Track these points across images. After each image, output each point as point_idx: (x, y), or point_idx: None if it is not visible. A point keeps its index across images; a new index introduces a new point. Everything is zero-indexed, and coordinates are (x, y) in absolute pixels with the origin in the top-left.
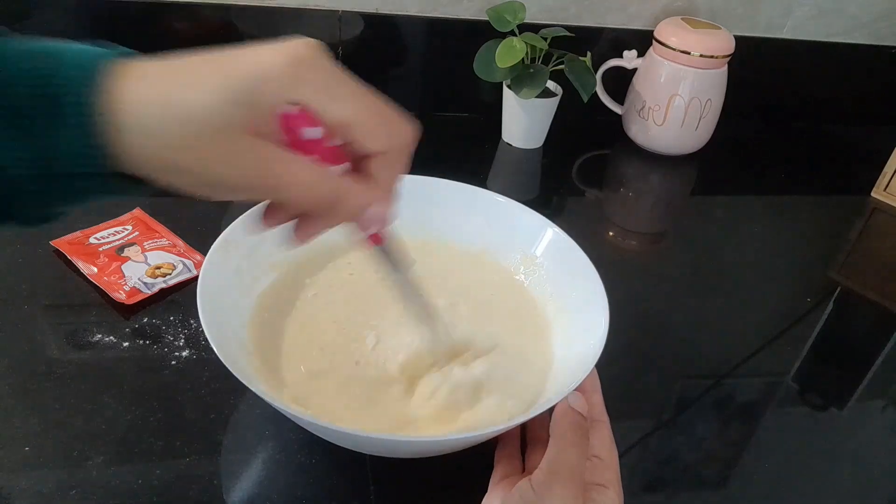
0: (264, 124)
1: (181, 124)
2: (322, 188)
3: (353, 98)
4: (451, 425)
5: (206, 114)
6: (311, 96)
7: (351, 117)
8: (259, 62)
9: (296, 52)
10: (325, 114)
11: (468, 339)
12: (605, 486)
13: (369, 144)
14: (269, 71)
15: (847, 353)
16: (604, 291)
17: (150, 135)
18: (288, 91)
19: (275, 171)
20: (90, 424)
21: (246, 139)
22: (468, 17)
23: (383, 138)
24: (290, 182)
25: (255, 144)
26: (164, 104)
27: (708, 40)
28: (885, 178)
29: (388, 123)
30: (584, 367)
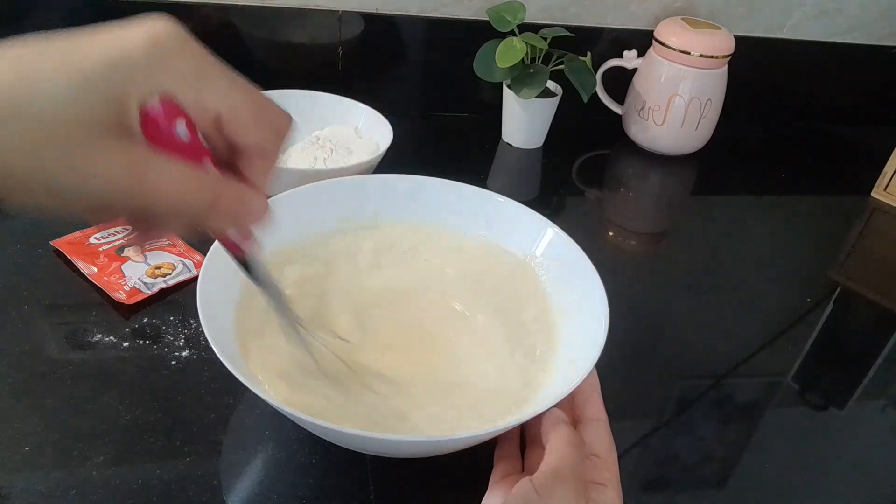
0: (124, 120)
1: (26, 122)
2: (195, 193)
3: (224, 87)
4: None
5: (55, 110)
6: (177, 86)
7: (223, 108)
8: (115, 46)
9: (157, 34)
10: (193, 103)
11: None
12: (604, 486)
13: (243, 138)
14: (128, 56)
15: (847, 353)
16: (604, 291)
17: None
18: (150, 80)
19: (141, 177)
20: (90, 424)
21: (101, 140)
22: (468, 17)
23: (258, 131)
24: (156, 190)
25: (111, 145)
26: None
27: (708, 40)
28: (885, 178)
29: (263, 114)
30: (583, 367)
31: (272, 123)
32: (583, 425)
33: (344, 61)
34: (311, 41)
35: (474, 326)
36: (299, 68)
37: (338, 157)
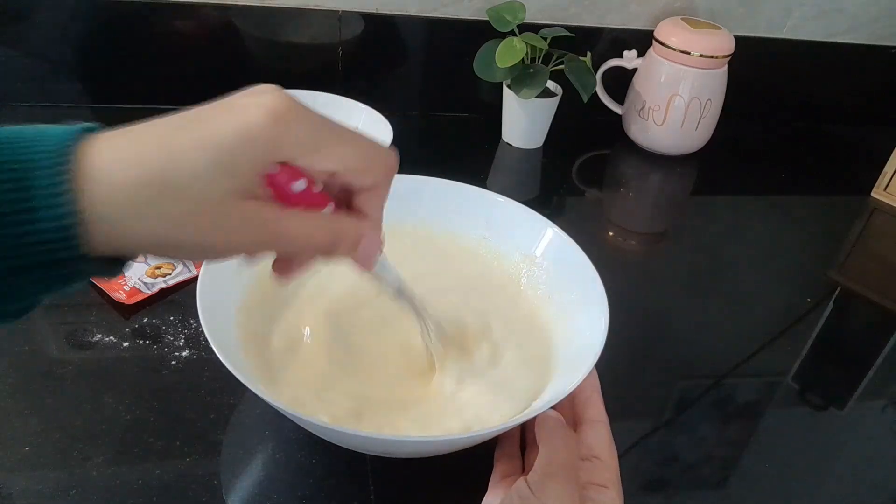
0: (253, 185)
1: (174, 201)
2: (320, 235)
3: (337, 146)
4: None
5: (198, 187)
6: (296, 154)
7: (338, 165)
8: (239, 125)
9: (275, 108)
10: (311, 167)
11: (462, 326)
12: (604, 487)
13: (358, 184)
14: (252, 133)
15: (847, 353)
16: (604, 291)
17: (138, 216)
18: (273, 152)
19: (272, 231)
20: (90, 424)
21: (238, 205)
22: (468, 17)
23: (371, 176)
24: (288, 238)
25: (247, 209)
26: (149, 182)
27: (708, 40)
28: (885, 178)
29: (374, 160)
30: (583, 367)
31: (380, 166)
32: (583, 427)
33: (344, 61)
34: (311, 41)
35: (472, 328)
36: (299, 68)
37: None
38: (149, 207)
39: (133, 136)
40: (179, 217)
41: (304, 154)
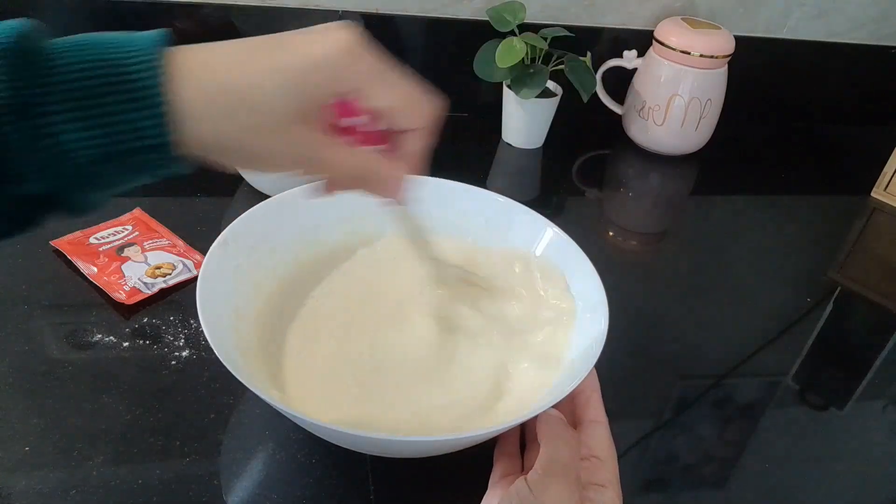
0: (314, 111)
1: (246, 113)
2: (360, 169)
3: (393, 86)
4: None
5: (270, 102)
6: (357, 87)
7: (391, 104)
8: (311, 53)
9: (345, 43)
10: (368, 101)
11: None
12: (603, 486)
13: (405, 125)
14: (321, 62)
15: (847, 353)
16: (603, 291)
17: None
18: (337, 82)
19: (321, 156)
20: (90, 424)
21: (298, 126)
22: (468, 17)
23: (417, 119)
24: (333, 165)
25: (305, 131)
26: (227, 92)
27: (708, 40)
28: (885, 178)
29: (422, 105)
30: (583, 367)
31: (424, 111)
32: (583, 427)
33: None
34: None
35: (473, 327)
36: None
37: None
38: (226, 113)
39: (218, 51)
40: (249, 126)
41: (363, 87)
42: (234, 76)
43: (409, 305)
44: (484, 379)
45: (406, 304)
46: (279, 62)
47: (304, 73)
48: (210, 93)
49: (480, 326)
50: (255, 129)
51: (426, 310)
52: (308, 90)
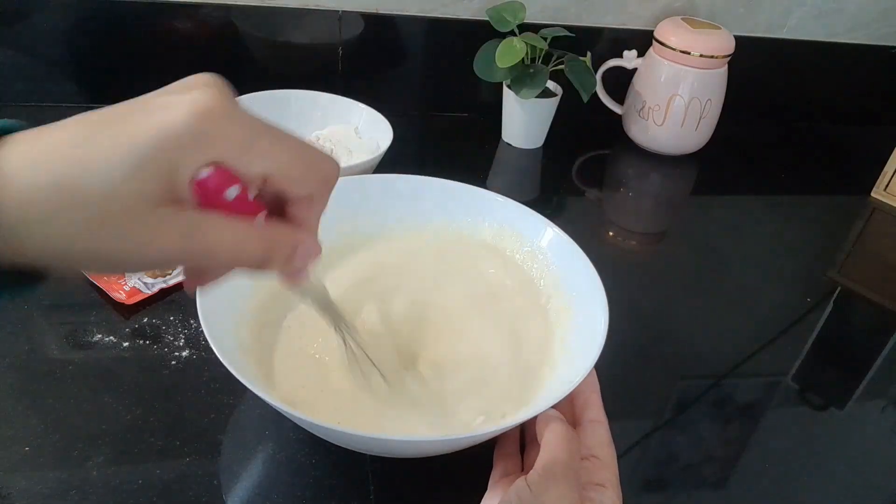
0: (175, 190)
1: (83, 207)
2: (252, 245)
3: (272, 148)
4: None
5: (110, 192)
6: (226, 154)
7: (273, 169)
8: (163, 122)
9: (203, 105)
10: (243, 170)
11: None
12: (603, 486)
13: (294, 191)
14: (176, 132)
15: (847, 353)
16: (603, 291)
17: (46, 223)
18: (200, 153)
19: (198, 240)
20: (90, 424)
21: (159, 212)
22: (468, 17)
23: (309, 183)
24: (216, 247)
25: (167, 216)
26: (58, 186)
27: (708, 40)
28: (885, 178)
29: (312, 167)
30: (582, 367)
31: (320, 174)
32: (582, 427)
33: (344, 61)
34: (311, 41)
35: (472, 327)
36: (299, 68)
37: (338, 158)
38: (55, 214)
39: (47, 137)
40: (88, 224)
41: (237, 154)
42: (63, 166)
43: (408, 304)
44: (482, 378)
45: (404, 302)
46: (122, 139)
47: (151, 148)
48: (33, 192)
49: (479, 327)
50: (98, 224)
51: (426, 310)
52: (160, 167)
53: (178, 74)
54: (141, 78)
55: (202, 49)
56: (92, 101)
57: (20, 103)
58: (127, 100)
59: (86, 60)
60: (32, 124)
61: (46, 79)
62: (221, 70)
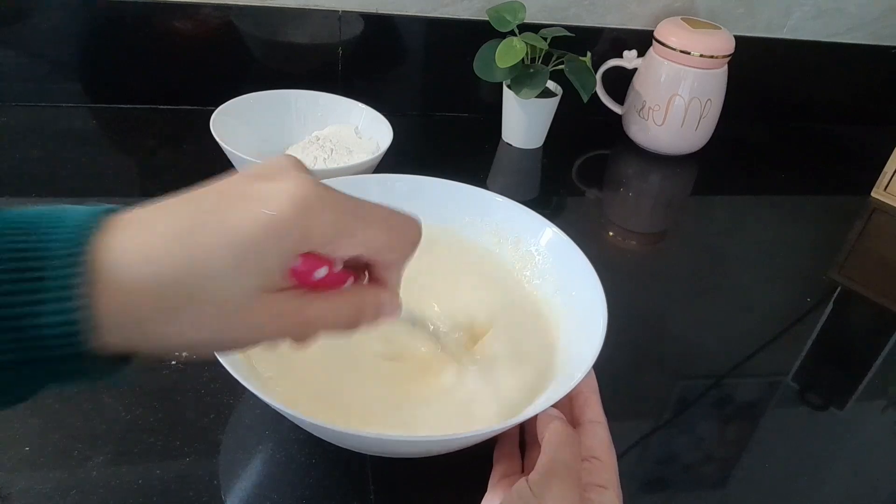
0: (277, 279)
1: (195, 305)
2: (344, 316)
3: (363, 231)
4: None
5: (220, 288)
6: (322, 244)
7: (363, 247)
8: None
9: (301, 198)
10: (336, 253)
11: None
12: (604, 487)
13: (382, 260)
14: (279, 227)
15: (847, 353)
16: (602, 291)
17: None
18: (300, 244)
19: (299, 322)
20: (90, 424)
21: (264, 301)
22: (468, 17)
23: (396, 253)
24: (315, 325)
25: (272, 303)
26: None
27: (708, 40)
28: (885, 178)
29: (399, 238)
30: (582, 367)
31: (405, 241)
32: (582, 428)
33: (344, 61)
34: (311, 41)
35: (471, 327)
36: (299, 68)
37: (338, 157)
38: (168, 312)
39: (150, 229)
40: (201, 319)
41: (330, 243)
42: (174, 265)
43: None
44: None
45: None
46: (228, 235)
47: (261, 242)
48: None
49: (477, 325)
50: (212, 318)
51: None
52: (269, 261)
53: (178, 74)
54: (141, 78)
55: (202, 49)
56: (93, 101)
57: (20, 103)
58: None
59: (86, 60)
60: (32, 124)
61: (46, 79)
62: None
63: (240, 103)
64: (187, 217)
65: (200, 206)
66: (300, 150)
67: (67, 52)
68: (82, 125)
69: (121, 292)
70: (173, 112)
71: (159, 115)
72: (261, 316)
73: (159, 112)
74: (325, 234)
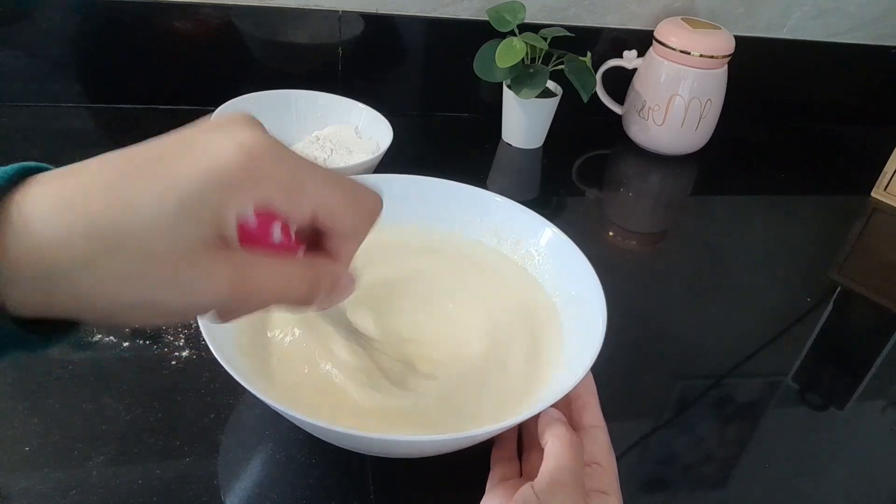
0: (222, 233)
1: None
2: (296, 284)
3: (319, 188)
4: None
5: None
6: (274, 196)
7: (318, 207)
8: (211, 163)
9: (251, 145)
10: (289, 211)
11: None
12: (605, 493)
13: (338, 228)
14: (223, 175)
15: (847, 353)
16: (602, 292)
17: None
18: (249, 194)
19: (245, 286)
20: (90, 424)
21: (205, 257)
22: (468, 17)
23: (352, 219)
24: (263, 290)
25: (215, 260)
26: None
27: (708, 40)
28: (885, 178)
29: (357, 204)
30: (581, 368)
31: (364, 209)
32: (581, 432)
33: (344, 61)
34: (311, 41)
35: (471, 327)
36: (299, 68)
37: (338, 157)
38: (92, 259)
39: (76, 177)
40: (130, 270)
41: (284, 196)
42: (103, 212)
43: (406, 304)
44: (480, 379)
45: (402, 303)
46: (166, 185)
47: (202, 191)
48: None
49: (476, 325)
50: (143, 273)
51: (424, 310)
52: (211, 211)
53: (178, 74)
54: (141, 78)
55: (202, 49)
56: (92, 101)
57: (20, 103)
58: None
59: (86, 60)
60: (32, 124)
61: (46, 79)
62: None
63: (240, 103)
64: (121, 165)
65: (139, 155)
66: (300, 151)
67: (67, 52)
68: (82, 125)
69: (34, 241)
70: (173, 112)
71: (159, 115)
72: (201, 273)
73: (159, 112)
74: (279, 187)
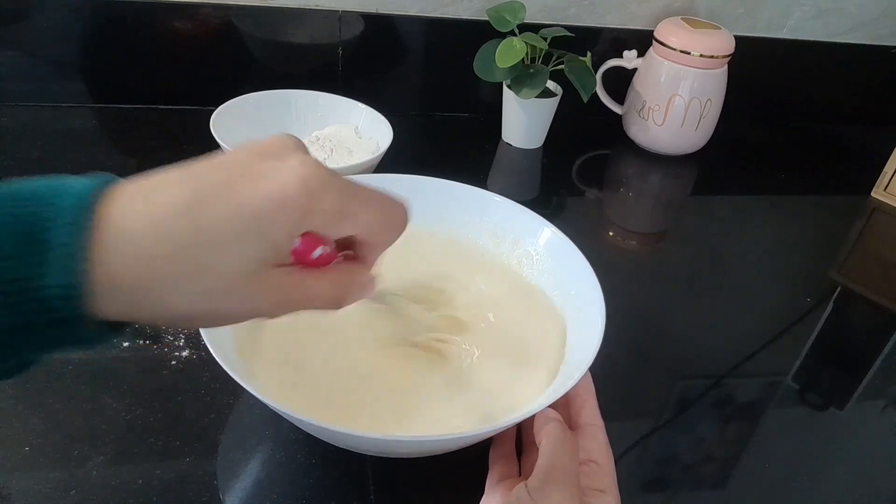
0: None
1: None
2: (335, 292)
3: (360, 212)
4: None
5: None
6: (323, 223)
7: (360, 229)
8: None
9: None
10: (334, 234)
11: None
12: (602, 492)
13: (372, 241)
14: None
15: (847, 353)
16: (601, 292)
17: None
18: (303, 224)
19: (296, 297)
20: (90, 424)
21: (266, 274)
22: (468, 17)
23: (386, 236)
24: (309, 300)
25: (273, 277)
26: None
27: (708, 40)
28: (885, 178)
29: (390, 220)
30: (580, 368)
31: (394, 224)
32: (579, 431)
33: (344, 61)
34: (311, 41)
35: (470, 327)
36: (299, 68)
37: (338, 157)
38: (171, 281)
39: (162, 201)
40: (205, 290)
41: (331, 224)
42: (181, 236)
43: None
44: (479, 379)
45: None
46: (236, 209)
47: (269, 217)
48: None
49: (476, 324)
50: (215, 290)
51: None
52: (274, 235)
53: (178, 74)
54: (141, 78)
55: (202, 49)
56: (93, 101)
57: (20, 103)
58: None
59: (86, 60)
60: (32, 124)
61: (46, 79)
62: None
63: (240, 103)
64: (194, 189)
65: (206, 179)
66: None
67: (67, 52)
68: (82, 125)
69: (125, 259)
70: (173, 112)
71: (159, 115)
72: (262, 288)
73: (159, 112)
74: (328, 214)
